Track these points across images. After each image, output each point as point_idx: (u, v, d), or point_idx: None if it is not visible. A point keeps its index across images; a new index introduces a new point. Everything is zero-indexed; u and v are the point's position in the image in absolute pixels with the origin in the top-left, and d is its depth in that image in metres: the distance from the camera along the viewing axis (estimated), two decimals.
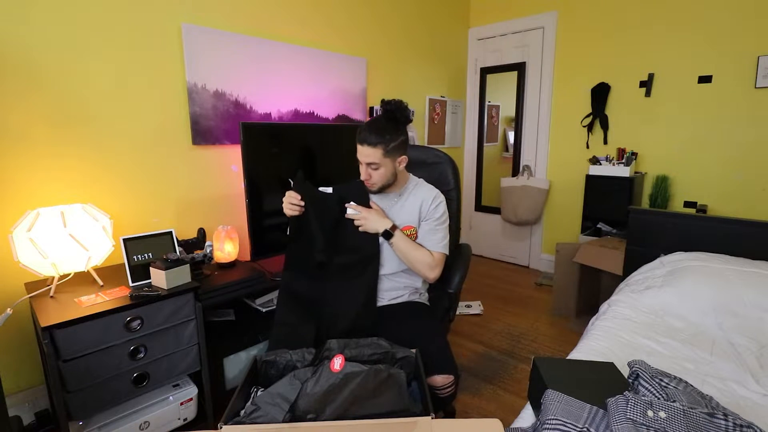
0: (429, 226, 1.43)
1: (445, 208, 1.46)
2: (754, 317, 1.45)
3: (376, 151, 1.30)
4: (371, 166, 1.33)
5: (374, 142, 1.29)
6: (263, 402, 0.88)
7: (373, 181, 1.37)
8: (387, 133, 1.30)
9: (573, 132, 3.24)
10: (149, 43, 1.76)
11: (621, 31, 2.91)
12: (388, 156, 1.32)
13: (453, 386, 1.25)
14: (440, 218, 1.44)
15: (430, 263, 1.39)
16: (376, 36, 2.81)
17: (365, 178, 1.36)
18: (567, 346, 2.22)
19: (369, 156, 1.31)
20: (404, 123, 1.36)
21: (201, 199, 2.02)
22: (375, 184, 1.38)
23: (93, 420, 1.34)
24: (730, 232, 1.87)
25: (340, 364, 0.90)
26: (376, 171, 1.34)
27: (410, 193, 1.46)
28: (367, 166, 1.34)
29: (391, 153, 1.33)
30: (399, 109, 1.33)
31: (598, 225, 2.95)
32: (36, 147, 1.52)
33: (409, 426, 0.85)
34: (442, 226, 1.44)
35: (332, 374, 0.89)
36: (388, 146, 1.31)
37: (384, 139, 1.30)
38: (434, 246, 1.42)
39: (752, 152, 2.53)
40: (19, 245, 1.33)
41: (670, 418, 0.81)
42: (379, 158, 1.31)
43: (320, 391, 0.87)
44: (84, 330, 1.24)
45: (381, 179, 1.37)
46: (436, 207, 1.43)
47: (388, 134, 1.31)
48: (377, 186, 1.39)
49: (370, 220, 1.36)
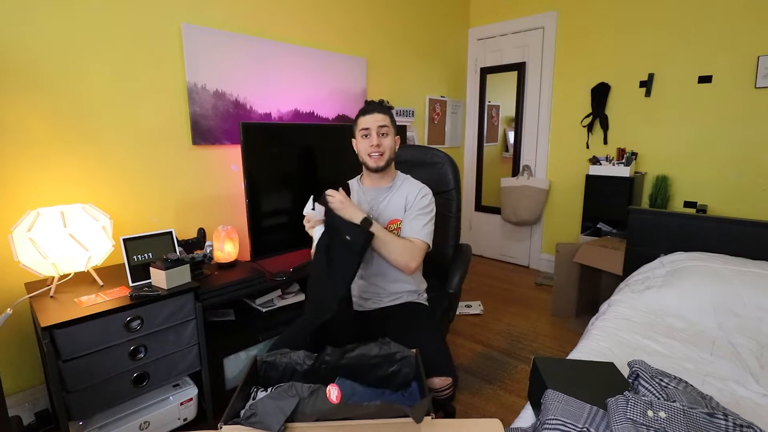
0: (412, 215, 1.40)
1: (430, 200, 1.44)
2: (754, 317, 1.46)
3: (386, 117, 1.38)
4: (382, 130, 1.37)
5: (382, 110, 1.39)
6: (261, 410, 0.87)
7: (383, 149, 1.38)
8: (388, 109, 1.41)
9: (573, 132, 3.24)
10: (149, 43, 1.76)
11: (621, 31, 2.91)
12: (393, 126, 1.40)
13: (451, 388, 1.25)
14: (424, 208, 1.40)
15: (411, 251, 1.34)
16: (376, 36, 2.81)
17: (377, 145, 1.36)
18: (567, 346, 2.22)
19: (380, 119, 1.37)
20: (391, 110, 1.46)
21: (201, 199, 2.02)
22: (384, 154, 1.38)
23: (93, 420, 1.34)
24: (730, 232, 1.86)
25: (336, 396, 0.88)
26: (386, 138, 1.38)
27: (398, 188, 1.46)
28: (379, 131, 1.37)
29: (394, 124, 1.41)
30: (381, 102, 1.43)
31: (598, 225, 2.95)
32: (36, 147, 1.52)
33: (409, 426, 0.85)
34: (425, 216, 1.40)
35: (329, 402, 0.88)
36: (393, 120, 1.41)
37: (390, 113, 1.40)
38: (415, 233, 1.37)
39: (752, 152, 2.53)
40: (19, 245, 1.33)
41: (670, 418, 0.81)
42: (388, 122, 1.38)
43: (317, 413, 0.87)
44: (84, 330, 1.24)
45: (389, 148, 1.40)
46: (421, 198, 1.42)
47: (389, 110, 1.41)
48: (385, 158, 1.39)
49: (348, 205, 1.31)
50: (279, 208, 2.02)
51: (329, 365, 1.06)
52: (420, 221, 1.39)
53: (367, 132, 1.37)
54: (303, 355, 1.10)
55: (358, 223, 1.28)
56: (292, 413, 0.86)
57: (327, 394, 0.88)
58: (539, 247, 3.57)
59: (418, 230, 1.38)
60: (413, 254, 1.35)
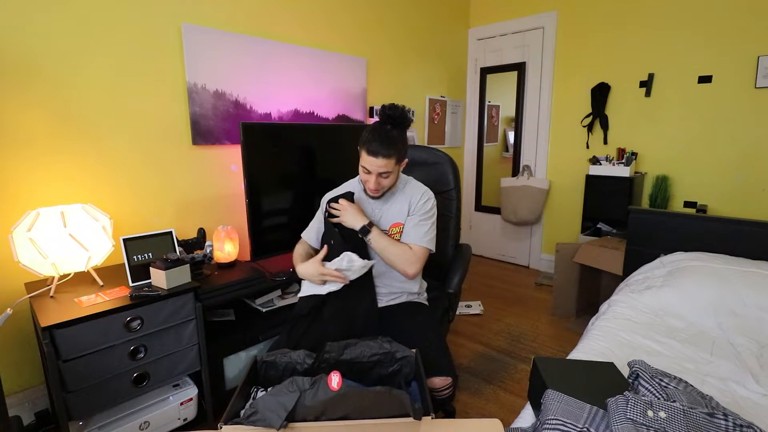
0: (414, 221, 1.41)
1: (433, 204, 1.45)
2: (754, 317, 1.46)
3: (390, 161, 1.31)
4: (383, 175, 1.34)
5: (388, 154, 1.29)
6: (261, 407, 0.87)
7: (383, 188, 1.38)
8: (398, 142, 1.32)
9: (573, 132, 3.24)
10: (149, 43, 1.76)
11: (621, 31, 2.91)
12: (398, 164, 1.36)
13: (451, 388, 1.25)
14: (427, 213, 1.42)
15: (409, 258, 1.36)
16: (376, 36, 2.81)
17: (374, 188, 1.36)
18: (567, 346, 2.22)
19: (383, 167, 1.31)
20: (407, 127, 1.38)
21: (201, 199, 2.02)
22: (381, 190, 1.39)
23: (93, 420, 1.35)
24: (730, 232, 1.86)
25: (337, 382, 0.89)
26: (386, 179, 1.36)
27: (401, 192, 1.46)
28: (378, 176, 1.34)
29: (400, 160, 1.36)
30: (402, 116, 1.33)
31: (598, 225, 2.95)
32: (36, 147, 1.52)
33: (409, 426, 0.85)
34: (427, 221, 1.41)
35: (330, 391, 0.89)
36: (400, 155, 1.34)
37: (397, 149, 1.31)
38: (417, 240, 1.38)
39: (752, 152, 2.53)
40: (19, 245, 1.33)
41: (670, 418, 0.81)
42: (392, 167, 1.33)
43: (318, 404, 0.87)
44: (84, 330, 1.24)
45: (389, 185, 1.39)
46: (424, 202, 1.42)
47: (399, 143, 1.32)
48: (381, 192, 1.40)
49: (349, 213, 1.36)
50: (279, 208, 2.02)
51: (329, 363, 1.07)
52: (422, 227, 1.40)
53: (368, 171, 1.34)
54: (303, 354, 1.10)
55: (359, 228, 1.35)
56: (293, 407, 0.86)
57: (328, 381, 0.89)
58: (539, 247, 3.57)
59: (420, 237, 1.39)
60: (411, 261, 1.36)
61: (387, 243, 1.36)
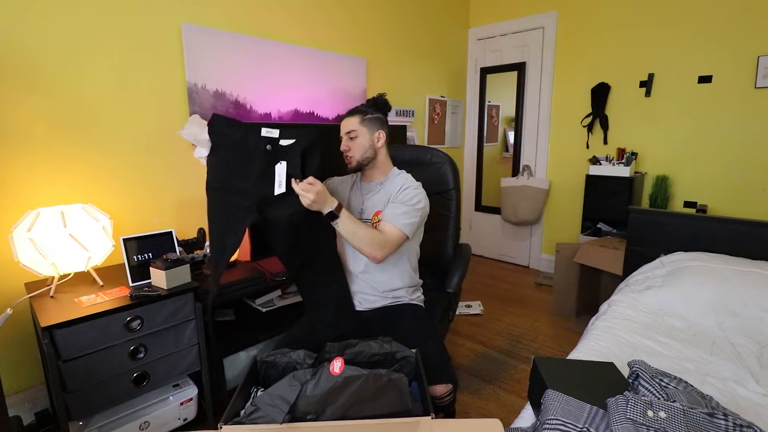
0: (393, 205, 1.37)
1: (416, 194, 1.38)
2: (754, 317, 1.45)
3: (353, 119, 1.42)
4: (350, 134, 1.41)
5: (352, 112, 1.44)
6: (262, 403, 0.87)
7: (352, 153, 1.42)
8: (364, 107, 1.46)
9: (573, 132, 3.24)
10: (149, 43, 1.76)
11: (621, 31, 2.91)
12: (364, 125, 1.41)
13: (452, 394, 1.25)
14: (407, 201, 1.36)
15: (379, 242, 1.29)
16: (376, 36, 2.80)
17: (344, 149, 1.43)
18: (567, 346, 2.22)
19: (347, 125, 1.42)
20: (382, 106, 1.48)
21: (201, 199, 2.00)
22: (353, 157, 1.42)
23: (93, 420, 1.34)
24: (730, 232, 1.86)
25: (339, 367, 0.90)
26: (354, 141, 1.41)
27: (390, 182, 1.46)
28: (346, 136, 1.42)
29: (368, 123, 1.42)
30: (382, 99, 1.48)
31: (598, 225, 2.95)
32: (36, 147, 1.52)
33: (409, 426, 0.85)
34: (403, 205, 1.35)
35: (332, 377, 0.89)
36: (364, 116, 1.42)
37: (360, 110, 1.44)
38: (390, 218, 1.33)
39: (752, 152, 2.53)
40: (19, 245, 1.33)
41: (670, 418, 0.81)
42: (356, 125, 1.41)
43: (320, 393, 0.87)
44: (84, 330, 1.24)
45: (359, 150, 1.42)
46: (404, 191, 1.38)
47: (365, 108, 1.45)
48: (355, 159, 1.42)
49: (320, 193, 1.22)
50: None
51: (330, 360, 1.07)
52: (398, 209, 1.35)
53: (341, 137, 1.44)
54: (303, 354, 1.10)
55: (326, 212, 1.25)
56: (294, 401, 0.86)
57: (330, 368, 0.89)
58: (539, 247, 3.57)
59: (393, 216, 1.34)
60: (381, 244, 1.30)
61: (356, 227, 1.28)
